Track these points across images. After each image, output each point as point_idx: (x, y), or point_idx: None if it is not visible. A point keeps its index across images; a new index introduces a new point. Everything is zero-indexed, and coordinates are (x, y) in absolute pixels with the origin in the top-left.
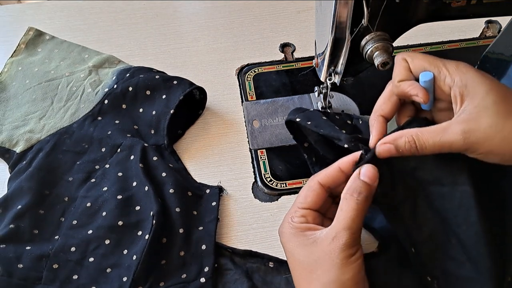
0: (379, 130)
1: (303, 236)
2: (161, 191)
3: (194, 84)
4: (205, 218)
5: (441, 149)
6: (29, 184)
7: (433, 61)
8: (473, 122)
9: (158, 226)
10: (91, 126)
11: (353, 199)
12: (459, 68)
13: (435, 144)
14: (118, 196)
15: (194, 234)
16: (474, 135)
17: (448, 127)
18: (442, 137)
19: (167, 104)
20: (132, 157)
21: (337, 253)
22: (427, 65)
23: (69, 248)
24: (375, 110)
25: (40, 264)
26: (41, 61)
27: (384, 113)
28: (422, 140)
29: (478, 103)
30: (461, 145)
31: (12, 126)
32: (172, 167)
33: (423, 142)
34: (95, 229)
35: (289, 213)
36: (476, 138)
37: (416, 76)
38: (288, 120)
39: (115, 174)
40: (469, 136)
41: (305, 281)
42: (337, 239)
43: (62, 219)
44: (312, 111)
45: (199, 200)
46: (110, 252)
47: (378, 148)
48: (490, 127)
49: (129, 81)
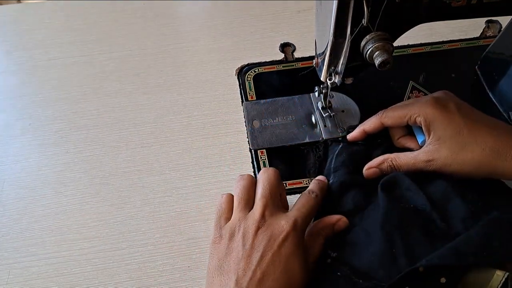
0: (356, 137)
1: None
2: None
3: None
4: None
5: (413, 170)
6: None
7: (402, 113)
8: (435, 153)
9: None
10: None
11: (307, 195)
12: (424, 109)
13: (408, 168)
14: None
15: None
16: (435, 163)
17: (417, 155)
18: (413, 164)
19: None
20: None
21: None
22: (399, 120)
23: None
24: (362, 124)
25: None
26: None
27: (368, 132)
28: (399, 164)
29: (439, 136)
30: (427, 170)
31: None
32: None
33: (399, 166)
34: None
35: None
36: (437, 165)
37: (397, 125)
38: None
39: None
40: (432, 164)
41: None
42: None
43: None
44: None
45: None
46: None
47: (365, 172)
48: (446, 157)
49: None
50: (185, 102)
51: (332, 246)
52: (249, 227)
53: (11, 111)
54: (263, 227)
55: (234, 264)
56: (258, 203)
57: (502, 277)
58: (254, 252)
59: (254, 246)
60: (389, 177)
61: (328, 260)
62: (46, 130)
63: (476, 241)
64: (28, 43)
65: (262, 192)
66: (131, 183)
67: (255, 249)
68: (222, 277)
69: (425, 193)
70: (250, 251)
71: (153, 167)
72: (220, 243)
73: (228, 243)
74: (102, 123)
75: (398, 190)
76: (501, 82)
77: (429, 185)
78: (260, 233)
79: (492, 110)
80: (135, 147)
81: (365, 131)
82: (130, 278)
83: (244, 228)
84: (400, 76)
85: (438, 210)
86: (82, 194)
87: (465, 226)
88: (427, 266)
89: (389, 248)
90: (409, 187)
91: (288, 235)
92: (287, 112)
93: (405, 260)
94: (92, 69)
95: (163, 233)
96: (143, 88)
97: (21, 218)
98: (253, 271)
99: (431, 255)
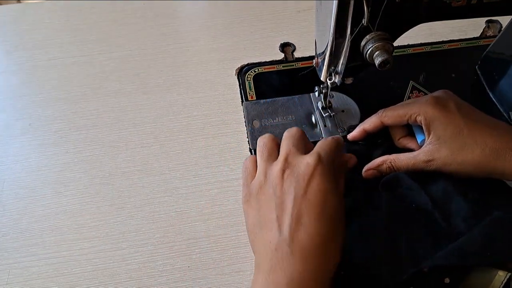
0: (356, 136)
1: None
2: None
3: None
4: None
5: (413, 171)
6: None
7: (402, 112)
8: (435, 153)
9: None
10: None
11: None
12: (424, 108)
13: (408, 169)
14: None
15: None
16: (435, 163)
17: (416, 156)
18: (413, 165)
19: None
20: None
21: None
22: (398, 119)
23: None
24: (363, 123)
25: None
26: None
27: (368, 131)
28: (398, 165)
29: (439, 136)
30: (427, 170)
31: None
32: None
33: (398, 167)
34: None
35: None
36: (437, 165)
37: (397, 124)
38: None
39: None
40: (431, 164)
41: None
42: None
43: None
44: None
45: None
46: None
47: (364, 174)
48: (446, 157)
49: None
50: (185, 102)
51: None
52: (274, 174)
53: (11, 111)
54: (288, 169)
55: (271, 214)
56: (281, 152)
57: (504, 278)
58: (286, 196)
59: (284, 191)
60: (390, 176)
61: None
62: (46, 130)
63: (480, 241)
64: (28, 43)
65: (285, 143)
66: (131, 183)
67: (285, 193)
68: (263, 232)
69: (426, 192)
70: (282, 197)
71: (153, 167)
72: (250, 200)
73: (258, 196)
74: (102, 123)
75: (400, 189)
76: (501, 82)
77: (430, 184)
78: (287, 177)
79: (492, 110)
80: (135, 147)
81: (365, 130)
82: (130, 278)
83: (270, 177)
84: (400, 76)
85: (440, 210)
86: (82, 194)
87: (467, 226)
88: (432, 266)
89: (392, 247)
90: (410, 186)
91: (315, 170)
92: (287, 112)
93: (409, 259)
94: (92, 69)
95: (163, 233)
96: (143, 88)
97: (21, 218)
98: (290, 215)
99: (436, 255)
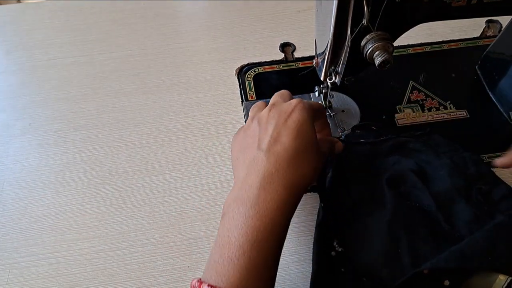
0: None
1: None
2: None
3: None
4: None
5: None
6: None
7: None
8: None
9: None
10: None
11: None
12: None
13: None
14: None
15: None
16: None
17: None
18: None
19: None
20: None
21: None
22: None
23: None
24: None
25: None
26: None
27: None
28: None
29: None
30: None
31: None
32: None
33: None
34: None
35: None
36: None
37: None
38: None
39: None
40: None
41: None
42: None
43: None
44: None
45: None
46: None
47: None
48: None
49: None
50: (185, 102)
51: (338, 239)
52: (261, 114)
53: (11, 111)
54: (273, 108)
55: (253, 138)
56: (269, 103)
57: (505, 282)
58: (268, 125)
59: (267, 122)
60: (394, 172)
61: (332, 253)
62: (46, 130)
63: (482, 245)
64: (28, 43)
65: (273, 97)
66: (131, 183)
67: (268, 123)
68: (244, 153)
69: (430, 192)
70: (265, 125)
71: (152, 167)
72: (238, 133)
73: (246, 132)
74: (102, 123)
75: (404, 187)
76: (501, 82)
77: (433, 183)
78: (271, 112)
79: (492, 110)
80: (135, 147)
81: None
82: (130, 278)
83: (258, 117)
84: (400, 76)
85: (443, 212)
86: (82, 194)
87: (469, 230)
88: (432, 269)
89: (394, 247)
90: (415, 184)
91: (295, 107)
92: None
93: (410, 260)
94: (92, 69)
95: (163, 233)
96: (143, 88)
97: (21, 218)
98: (270, 136)
99: (437, 257)
